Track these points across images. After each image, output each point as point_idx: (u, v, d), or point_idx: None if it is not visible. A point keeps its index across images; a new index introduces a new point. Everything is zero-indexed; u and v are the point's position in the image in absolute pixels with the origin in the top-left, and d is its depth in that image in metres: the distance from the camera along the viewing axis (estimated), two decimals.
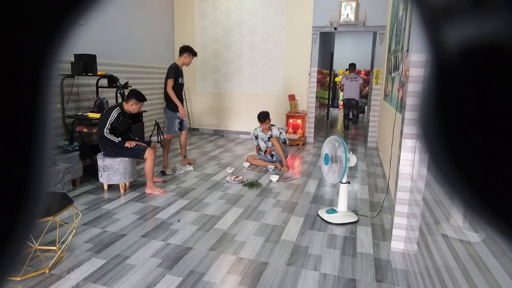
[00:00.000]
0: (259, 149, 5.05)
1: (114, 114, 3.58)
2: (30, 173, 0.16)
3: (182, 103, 4.58)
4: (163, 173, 4.42)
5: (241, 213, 3.26)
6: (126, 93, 4.03)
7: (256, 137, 4.95)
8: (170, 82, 4.40)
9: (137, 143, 3.72)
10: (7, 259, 0.16)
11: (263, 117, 4.70)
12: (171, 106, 4.49)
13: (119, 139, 3.61)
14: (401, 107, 2.95)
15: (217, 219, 3.13)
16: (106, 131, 3.56)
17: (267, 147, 4.90)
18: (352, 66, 7.80)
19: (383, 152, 4.94)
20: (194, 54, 4.57)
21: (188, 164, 4.82)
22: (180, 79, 4.53)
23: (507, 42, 0.14)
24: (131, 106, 3.69)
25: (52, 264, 2.29)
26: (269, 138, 4.82)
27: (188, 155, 5.41)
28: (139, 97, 3.72)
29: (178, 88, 4.52)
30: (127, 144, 3.64)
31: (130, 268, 2.32)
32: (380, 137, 5.75)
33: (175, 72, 4.42)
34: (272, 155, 4.89)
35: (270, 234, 2.86)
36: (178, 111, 4.49)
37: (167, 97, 4.48)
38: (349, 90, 7.64)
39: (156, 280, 2.18)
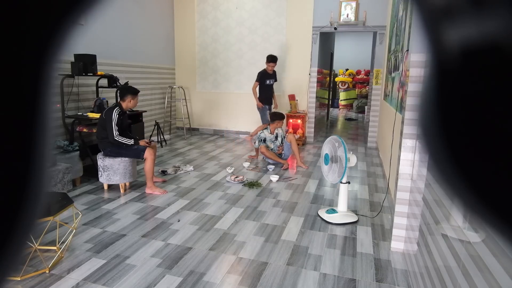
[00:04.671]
0: (257, 151, 5.13)
1: (115, 115, 3.56)
2: (30, 173, 0.16)
3: (271, 98, 5.95)
4: (163, 173, 4.43)
5: (241, 213, 3.26)
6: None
7: (263, 140, 4.96)
8: (256, 84, 5.77)
9: (147, 142, 3.81)
10: (7, 259, 0.16)
11: (281, 116, 5.02)
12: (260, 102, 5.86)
13: (132, 141, 3.64)
14: (401, 107, 2.95)
15: (217, 219, 3.13)
16: (116, 135, 3.55)
17: (276, 146, 5.01)
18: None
19: (383, 152, 4.94)
20: (267, 59, 5.72)
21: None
22: (268, 81, 5.80)
23: (507, 42, 0.14)
24: (129, 103, 3.69)
25: (52, 264, 2.29)
26: (276, 137, 4.99)
27: (188, 155, 5.45)
28: (132, 90, 3.74)
29: (266, 88, 5.83)
30: (142, 143, 3.70)
31: (130, 268, 2.32)
32: (380, 137, 5.75)
33: (261, 76, 5.74)
34: (280, 154, 5.00)
35: (270, 234, 2.86)
36: (265, 104, 5.85)
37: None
38: None
39: (156, 280, 2.18)
